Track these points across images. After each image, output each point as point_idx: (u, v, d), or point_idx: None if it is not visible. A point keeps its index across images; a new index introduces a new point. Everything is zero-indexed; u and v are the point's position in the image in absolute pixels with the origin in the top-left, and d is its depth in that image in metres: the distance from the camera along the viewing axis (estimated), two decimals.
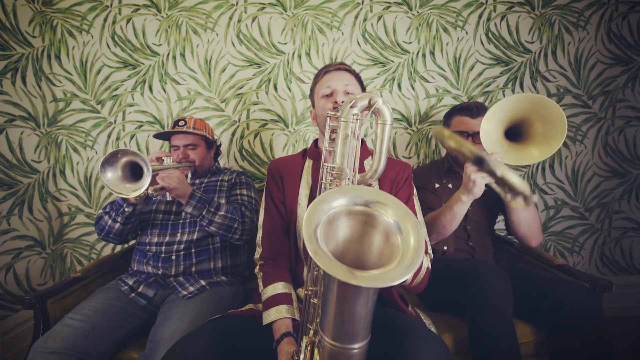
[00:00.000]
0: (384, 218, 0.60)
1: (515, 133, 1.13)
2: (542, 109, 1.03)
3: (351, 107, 0.73)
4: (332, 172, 0.75)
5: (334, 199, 0.60)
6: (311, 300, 0.71)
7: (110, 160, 1.02)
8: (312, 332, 0.67)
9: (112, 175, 1.03)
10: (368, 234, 0.62)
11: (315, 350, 0.64)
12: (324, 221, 0.58)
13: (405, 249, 0.55)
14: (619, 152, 1.79)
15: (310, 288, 0.72)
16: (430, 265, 0.93)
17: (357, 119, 0.74)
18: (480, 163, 0.43)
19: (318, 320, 0.65)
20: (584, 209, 1.83)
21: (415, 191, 1.06)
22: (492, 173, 0.42)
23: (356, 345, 0.58)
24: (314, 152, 1.07)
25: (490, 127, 1.07)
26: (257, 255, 1.03)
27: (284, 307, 0.87)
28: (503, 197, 0.43)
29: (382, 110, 0.72)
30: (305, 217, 0.56)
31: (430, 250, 0.99)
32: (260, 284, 0.97)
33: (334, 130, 0.79)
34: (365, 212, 0.61)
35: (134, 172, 1.06)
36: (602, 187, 1.81)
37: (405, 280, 0.85)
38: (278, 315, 0.85)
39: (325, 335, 0.60)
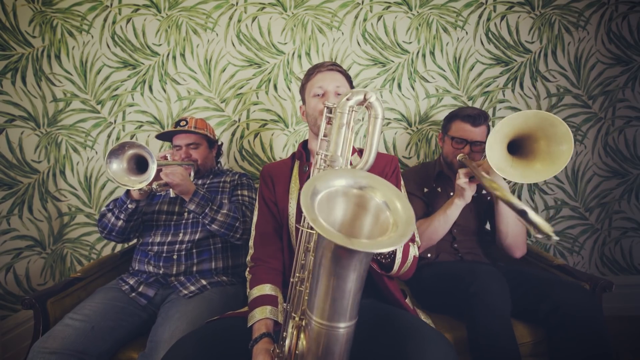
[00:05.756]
0: (376, 200, 0.63)
1: (517, 147, 1.11)
2: (549, 126, 1.00)
3: (347, 99, 0.78)
4: (326, 159, 0.79)
5: (329, 178, 0.63)
6: (298, 287, 0.72)
7: (116, 152, 1.04)
8: (298, 318, 0.68)
9: (117, 167, 1.04)
10: (360, 216, 0.64)
11: (302, 335, 0.64)
12: (320, 197, 0.60)
13: (396, 222, 0.58)
14: (619, 152, 1.79)
15: (297, 275, 0.73)
16: (417, 254, 0.95)
17: (352, 111, 0.78)
18: (523, 215, 0.59)
19: (304, 308, 0.66)
20: (584, 209, 1.83)
21: (402, 182, 1.09)
22: (530, 222, 0.58)
23: (342, 325, 0.59)
24: (300, 153, 1.11)
25: (495, 140, 1.05)
26: (248, 257, 1.04)
27: (268, 307, 0.87)
28: (532, 234, 0.59)
29: (375, 105, 0.77)
30: (303, 189, 0.57)
31: (417, 239, 1.01)
32: (248, 286, 0.97)
33: (329, 122, 0.84)
34: (358, 194, 0.64)
35: (139, 165, 1.07)
36: (602, 187, 1.81)
37: (394, 268, 0.87)
38: (262, 316, 0.85)
39: (313, 314, 0.60)
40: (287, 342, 0.66)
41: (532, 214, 0.58)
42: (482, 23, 1.74)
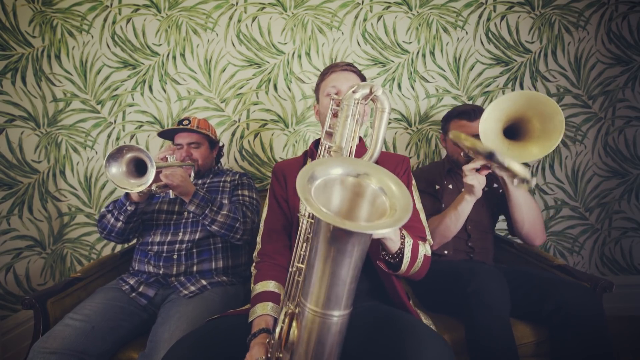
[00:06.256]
0: (372, 186, 0.63)
1: (513, 132, 1.13)
2: (537, 104, 1.03)
3: (353, 92, 0.78)
4: (330, 150, 0.80)
5: (328, 166, 0.63)
6: (296, 278, 0.72)
7: (115, 156, 1.04)
8: (292, 306, 0.67)
9: (116, 171, 1.04)
10: (357, 204, 0.64)
11: (294, 323, 0.62)
12: (317, 183, 0.60)
13: (394, 206, 0.58)
14: (619, 152, 1.79)
15: (296, 264, 0.73)
16: (428, 252, 0.92)
17: (357, 104, 0.79)
18: (491, 157, 0.51)
19: (299, 299, 0.65)
20: (584, 209, 1.83)
21: (414, 182, 1.08)
22: (500, 164, 0.51)
23: (336, 313, 0.58)
24: (311, 151, 1.11)
25: (488, 127, 1.07)
26: (255, 253, 1.04)
27: (269, 304, 0.87)
28: (509, 183, 0.53)
29: (382, 99, 0.78)
30: (301, 172, 0.57)
31: (429, 237, 0.99)
32: (252, 281, 0.97)
33: (335, 114, 0.85)
34: (355, 182, 0.64)
35: (138, 168, 1.07)
36: (602, 187, 1.81)
37: (402, 268, 0.85)
38: (262, 312, 0.85)
39: (307, 301, 0.60)
40: (278, 329, 0.64)
41: (500, 156, 0.52)
42: (482, 23, 1.74)
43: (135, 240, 1.38)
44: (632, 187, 1.81)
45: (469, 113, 1.32)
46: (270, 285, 0.91)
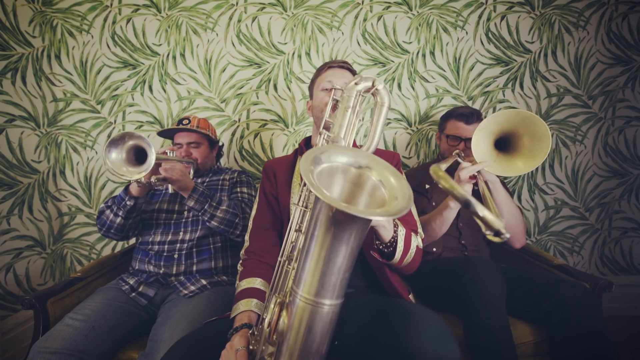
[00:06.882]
0: (372, 179, 0.63)
1: (504, 144, 1.20)
2: (530, 124, 1.11)
3: (355, 84, 0.79)
4: (328, 139, 0.80)
5: (332, 153, 0.63)
6: (285, 267, 0.71)
7: (117, 142, 1.04)
8: (281, 295, 0.67)
9: (116, 157, 1.04)
10: (356, 194, 0.64)
11: (284, 312, 0.62)
12: (321, 169, 0.60)
13: (394, 196, 0.59)
14: (619, 152, 1.79)
15: (286, 253, 0.73)
16: (420, 244, 0.94)
17: (359, 95, 0.80)
18: (467, 205, 0.51)
19: (288, 289, 0.65)
20: (584, 209, 1.83)
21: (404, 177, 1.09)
22: (475, 214, 0.50)
23: (328, 302, 0.58)
24: (301, 149, 1.13)
25: (481, 137, 1.14)
26: (242, 250, 1.04)
27: (254, 300, 0.86)
28: (483, 231, 0.51)
29: (382, 93, 0.79)
30: (305, 155, 0.57)
31: (420, 230, 1.01)
32: (237, 278, 0.96)
33: (334, 107, 0.86)
34: (357, 173, 0.64)
35: (138, 158, 1.07)
36: (602, 187, 1.81)
37: (396, 257, 0.86)
38: (246, 307, 0.84)
39: (299, 288, 0.59)
40: (267, 318, 0.63)
41: (476, 206, 0.50)
42: (482, 23, 1.74)
43: (135, 240, 1.38)
44: (632, 187, 1.81)
45: (467, 116, 1.36)
46: (256, 283, 0.91)
